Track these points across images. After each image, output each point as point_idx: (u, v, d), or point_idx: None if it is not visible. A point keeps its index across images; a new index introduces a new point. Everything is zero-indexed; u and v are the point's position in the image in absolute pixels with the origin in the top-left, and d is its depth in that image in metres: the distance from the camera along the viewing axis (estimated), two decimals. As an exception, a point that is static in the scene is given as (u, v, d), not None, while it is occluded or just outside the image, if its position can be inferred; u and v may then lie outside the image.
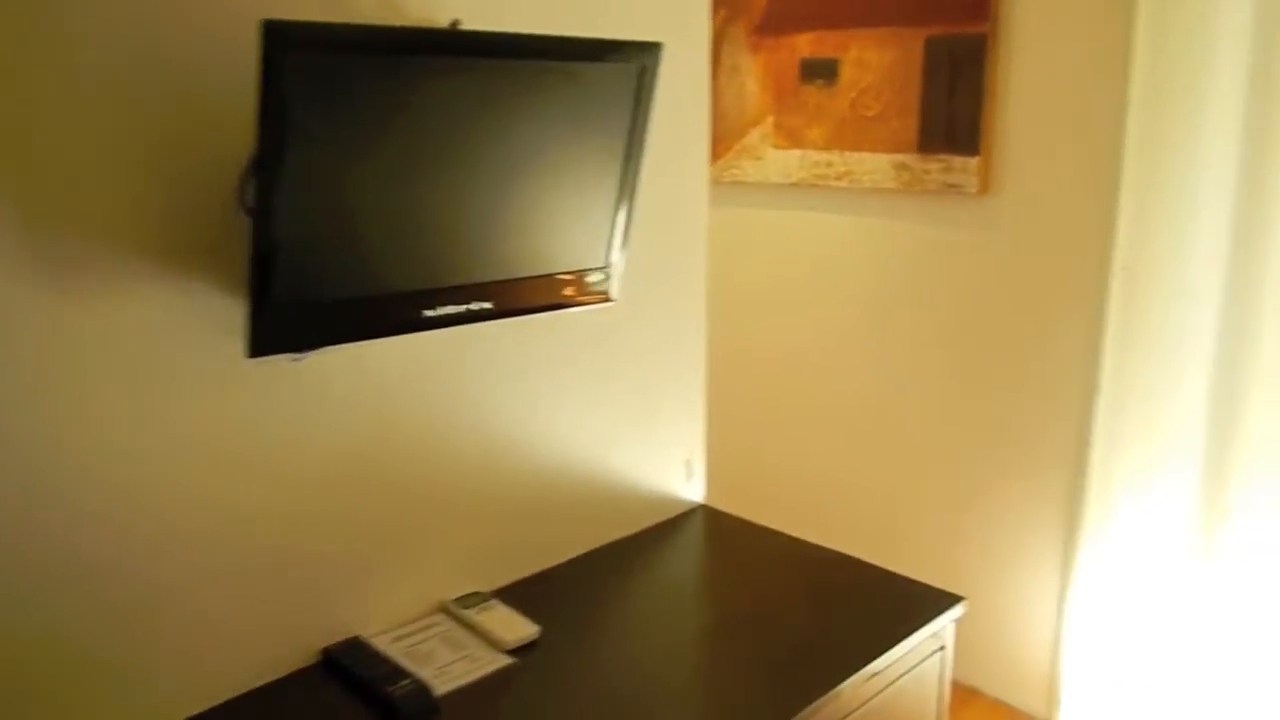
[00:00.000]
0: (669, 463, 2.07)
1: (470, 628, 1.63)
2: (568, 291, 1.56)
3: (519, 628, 1.63)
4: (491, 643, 1.59)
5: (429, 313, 1.39)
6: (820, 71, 2.85)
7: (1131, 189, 2.31)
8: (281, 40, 1.09)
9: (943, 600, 1.75)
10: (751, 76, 3.00)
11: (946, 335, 2.76)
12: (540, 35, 1.36)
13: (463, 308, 1.43)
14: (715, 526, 2.09)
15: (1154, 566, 2.43)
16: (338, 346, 1.44)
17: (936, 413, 2.82)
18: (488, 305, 1.46)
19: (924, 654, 1.72)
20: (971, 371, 2.72)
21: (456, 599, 1.70)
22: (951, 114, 2.59)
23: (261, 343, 1.23)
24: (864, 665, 1.56)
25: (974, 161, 2.57)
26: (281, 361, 1.40)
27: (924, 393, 2.84)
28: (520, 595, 1.75)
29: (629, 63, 1.44)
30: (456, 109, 1.29)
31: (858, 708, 1.58)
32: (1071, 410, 2.53)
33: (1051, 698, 2.68)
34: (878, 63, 2.72)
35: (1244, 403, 2.23)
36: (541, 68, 1.35)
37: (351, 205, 1.25)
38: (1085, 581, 2.54)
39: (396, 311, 1.37)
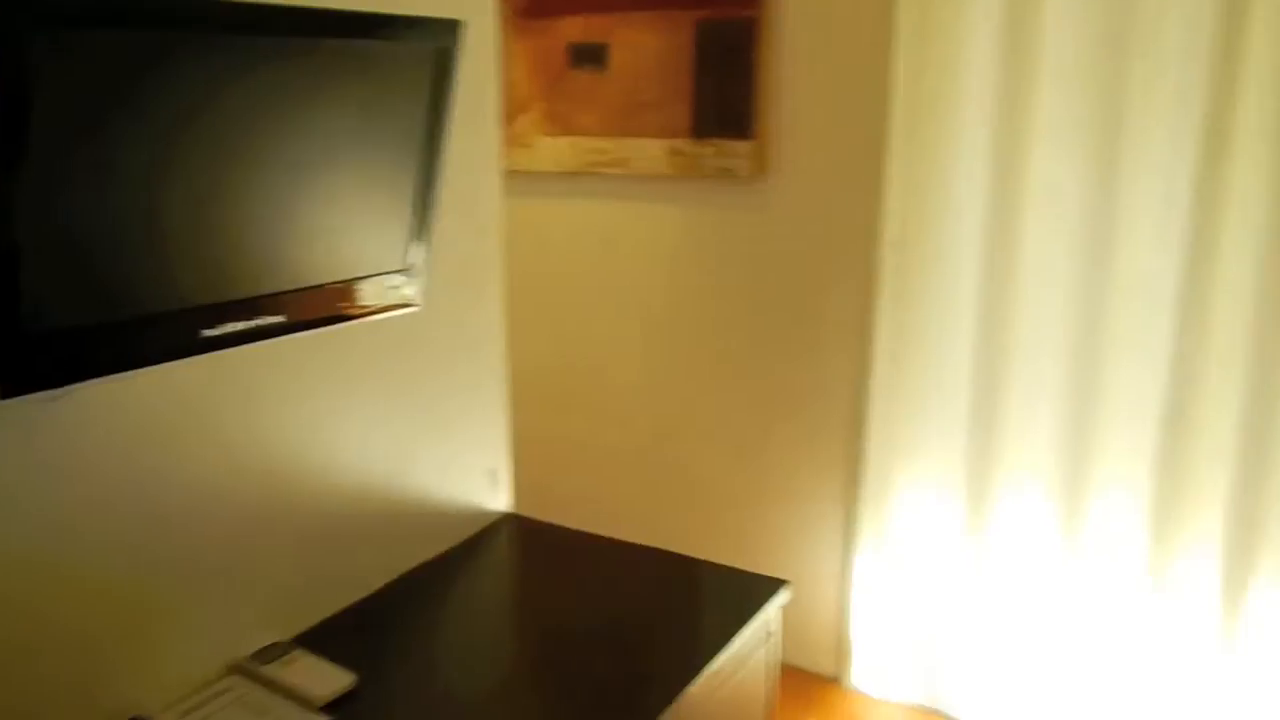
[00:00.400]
0: (474, 473, 1.94)
1: (273, 686, 1.44)
2: (368, 298, 1.40)
3: (331, 679, 1.45)
4: (301, 700, 1.41)
5: (209, 332, 1.20)
6: (589, 56, 2.78)
7: (897, 168, 2.40)
8: (6, 5, 0.87)
9: (767, 587, 1.74)
10: (518, 62, 2.88)
11: (728, 319, 2.78)
12: (322, 9, 1.19)
13: (250, 324, 1.24)
14: (527, 536, 1.98)
15: (928, 532, 2.57)
16: (98, 380, 1.21)
17: (721, 394, 2.84)
18: (279, 319, 1.28)
19: (756, 644, 1.70)
20: (754, 352, 2.76)
21: (253, 654, 1.49)
22: (724, 98, 2.60)
23: (6, 383, 0.99)
24: (704, 667, 1.51)
25: (747, 145, 2.60)
26: (27, 403, 1.15)
27: (709, 375, 2.85)
28: (327, 639, 1.57)
29: (426, 42, 1.29)
30: (231, 94, 1.11)
31: (696, 709, 1.54)
32: (849, 384, 2.63)
33: (841, 658, 2.78)
34: (649, 47, 2.68)
35: (1005, 378, 2.38)
36: (327, 47, 1.18)
37: (110, 210, 1.03)
38: (867, 548, 2.65)
39: (170, 333, 1.16)
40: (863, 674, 2.74)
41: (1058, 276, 2.28)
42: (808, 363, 2.69)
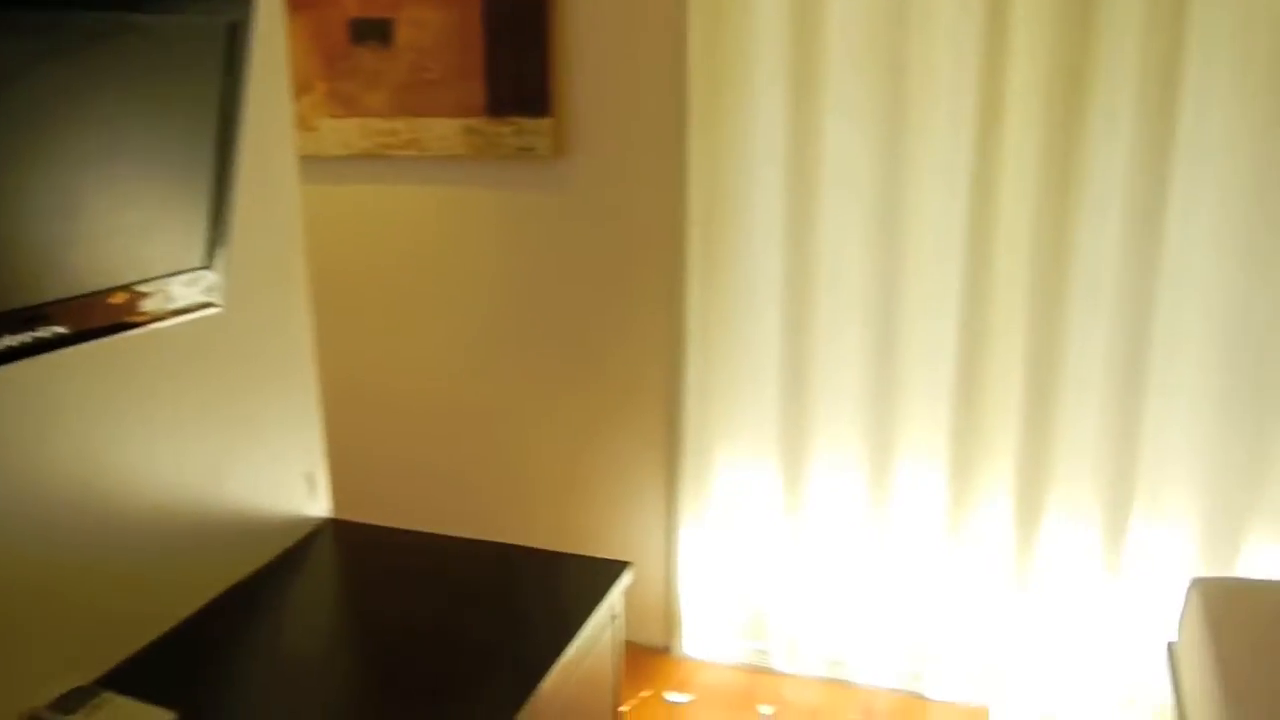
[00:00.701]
0: (289, 480, 1.81)
1: (83, 736, 1.29)
2: (163, 301, 1.27)
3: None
4: (119, 748, 1.28)
5: (-20, 350, 1.05)
6: (372, 33, 2.65)
7: (698, 144, 2.43)
8: None
9: (610, 571, 1.73)
10: (295, 39, 2.70)
11: (537, 302, 2.74)
12: (94, -22, 1.05)
13: (27, 337, 1.10)
14: (350, 540, 1.88)
15: (748, 504, 2.65)
16: None
17: (534, 378, 2.81)
18: (61, 330, 1.14)
19: (603, 627, 1.69)
20: (566, 335, 2.74)
21: (52, 703, 1.33)
22: (519, 75, 2.55)
23: None
24: (555, 659, 1.49)
25: (546, 123, 2.55)
26: None
27: (520, 361, 2.81)
28: (139, 676, 1.43)
29: (217, 15, 1.18)
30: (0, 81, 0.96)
31: (552, 699, 1.51)
32: (665, 364, 2.65)
33: (670, 628, 2.83)
34: (435, 23, 2.58)
35: (812, 354, 2.47)
36: (108, 22, 1.05)
37: None
38: (690, 524, 2.70)
39: (-68, 354, 1.00)
40: (692, 641, 2.80)
41: (855, 250, 2.39)
42: (622, 344, 2.69)
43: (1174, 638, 2.14)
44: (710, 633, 2.77)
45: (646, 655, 2.82)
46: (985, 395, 2.36)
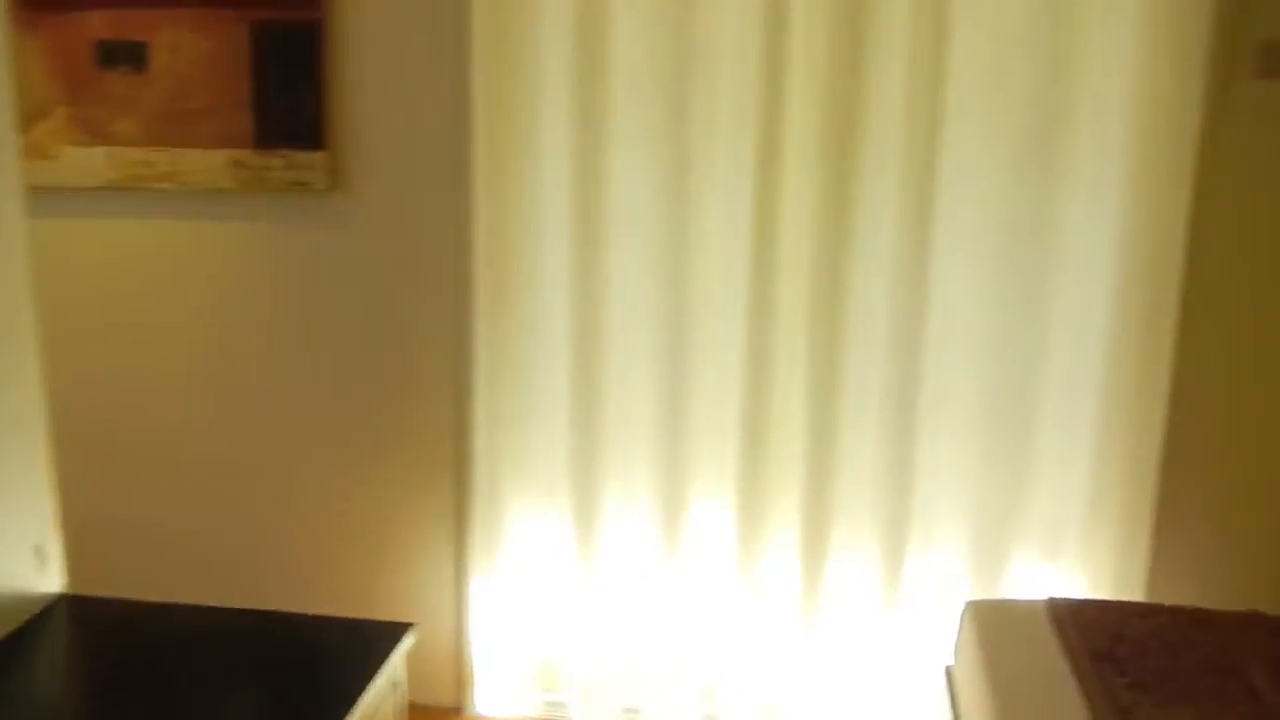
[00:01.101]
0: (15, 554, 1.58)
1: None
2: None
3: None
4: None
5: None
6: (124, 56, 2.43)
7: (484, 180, 2.37)
8: None
9: (390, 634, 1.61)
10: (30, 59, 2.44)
11: (313, 348, 2.57)
12: None
13: None
14: (89, 617, 1.66)
15: (541, 556, 2.57)
16: None
17: (310, 431, 2.62)
18: None
19: (383, 697, 1.56)
20: (345, 382, 2.58)
21: None
22: (291, 107, 2.40)
23: None
24: (330, 736, 1.36)
25: (319, 156, 2.42)
26: None
27: (295, 409, 2.62)
28: None
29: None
30: None
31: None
32: (452, 412, 2.54)
33: (462, 687, 2.70)
34: (196, 49, 2.40)
35: (602, 402, 2.43)
36: None
37: None
38: (481, 577, 2.59)
39: None
40: (485, 698, 2.67)
41: (643, 291, 2.38)
42: (405, 390, 2.56)
43: (951, 661, 2.22)
44: (503, 688, 2.66)
45: (436, 717, 2.67)
46: (770, 437, 2.39)
